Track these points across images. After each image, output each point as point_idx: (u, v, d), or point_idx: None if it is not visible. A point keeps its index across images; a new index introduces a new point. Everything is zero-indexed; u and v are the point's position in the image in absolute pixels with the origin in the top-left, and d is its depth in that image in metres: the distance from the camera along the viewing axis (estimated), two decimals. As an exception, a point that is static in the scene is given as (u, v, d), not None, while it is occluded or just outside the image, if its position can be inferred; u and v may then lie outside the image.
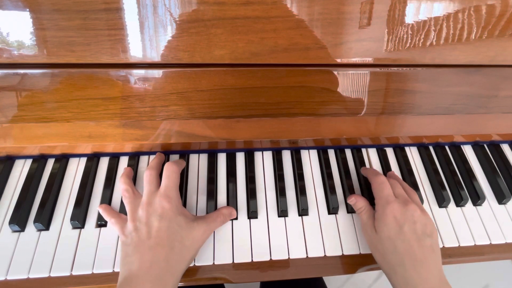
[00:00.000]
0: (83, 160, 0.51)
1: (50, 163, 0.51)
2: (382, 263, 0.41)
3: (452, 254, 0.46)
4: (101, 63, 0.41)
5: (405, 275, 0.37)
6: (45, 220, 0.45)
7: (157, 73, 0.43)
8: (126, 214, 0.43)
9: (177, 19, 0.39)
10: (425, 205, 0.50)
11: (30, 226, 0.45)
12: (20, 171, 0.50)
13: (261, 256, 0.44)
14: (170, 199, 0.41)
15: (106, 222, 0.45)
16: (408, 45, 0.43)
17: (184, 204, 0.48)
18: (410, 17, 0.41)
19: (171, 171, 0.43)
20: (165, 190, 0.41)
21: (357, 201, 0.45)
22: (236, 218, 0.47)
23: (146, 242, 0.38)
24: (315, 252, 0.45)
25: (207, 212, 0.46)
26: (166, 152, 0.52)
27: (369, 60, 0.44)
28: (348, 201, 0.47)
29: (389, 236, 0.40)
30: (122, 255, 0.39)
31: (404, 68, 0.46)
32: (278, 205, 0.48)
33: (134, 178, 0.49)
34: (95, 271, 0.42)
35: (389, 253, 0.39)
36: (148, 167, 0.45)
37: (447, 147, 0.57)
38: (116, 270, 0.42)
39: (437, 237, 0.41)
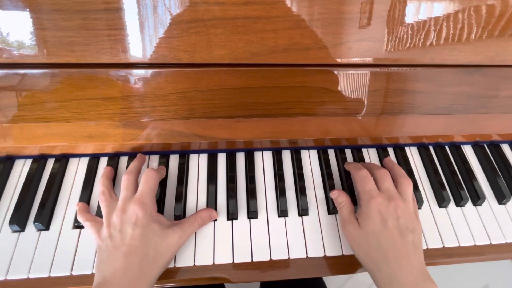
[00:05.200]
0: (83, 160, 0.51)
1: (50, 163, 0.51)
2: (365, 260, 0.40)
3: (452, 254, 0.46)
4: (101, 63, 0.41)
5: (389, 271, 0.38)
6: (45, 220, 0.45)
7: (157, 73, 0.43)
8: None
9: (177, 19, 0.39)
10: (425, 205, 0.50)
11: (30, 226, 0.45)
12: (20, 171, 0.50)
13: (261, 256, 0.44)
14: (144, 206, 0.40)
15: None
16: (408, 45, 0.43)
17: (184, 204, 0.48)
18: (410, 17, 0.41)
19: (149, 177, 0.43)
20: (140, 197, 0.41)
21: (339, 195, 0.45)
22: (236, 218, 0.47)
23: (120, 249, 0.38)
24: (315, 252, 0.45)
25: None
26: (166, 152, 0.52)
27: (369, 60, 0.44)
28: (330, 195, 0.47)
29: (374, 231, 0.39)
30: (97, 261, 0.39)
31: (404, 68, 0.46)
32: (278, 205, 0.48)
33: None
34: (95, 271, 0.42)
35: (373, 249, 0.39)
36: (126, 170, 0.45)
37: (447, 147, 0.57)
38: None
39: (420, 232, 0.41)
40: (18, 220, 0.44)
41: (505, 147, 0.58)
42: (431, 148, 0.56)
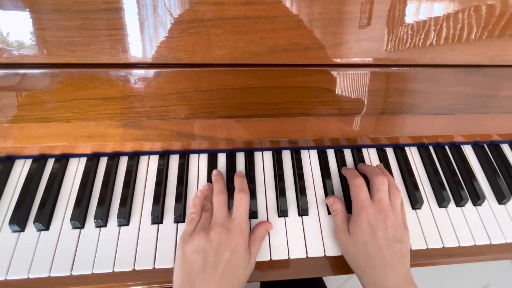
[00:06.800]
0: (83, 160, 0.51)
1: (50, 163, 0.51)
2: (353, 265, 0.42)
3: (452, 254, 0.46)
4: (101, 63, 0.41)
5: (374, 276, 0.39)
6: (45, 220, 0.45)
7: (157, 73, 0.43)
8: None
9: (177, 19, 0.39)
10: (425, 205, 0.50)
11: (30, 226, 0.45)
12: (20, 171, 0.50)
13: (261, 256, 0.44)
14: (243, 233, 0.41)
15: (106, 222, 0.45)
16: (408, 45, 0.43)
17: (184, 204, 0.48)
18: (410, 17, 0.41)
19: (243, 203, 0.43)
20: (240, 223, 0.41)
21: (335, 202, 0.46)
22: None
23: (214, 272, 0.37)
24: (315, 252, 0.45)
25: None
26: (166, 152, 0.52)
27: (369, 60, 0.44)
28: (326, 201, 0.48)
29: (363, 240, 0.41)
30: (184, 267, 0.38)
31: (404, 68, 0.46)
32: (278, 205, 0.48)
33: (134, 179, 0.49)
34: (95, 271, 0.42)
35: (360, 256, 0.41)
36: (216, 191, 0.45)
37: (447, 147, 0.57)
38: (116, 270, 0.42)
39: (408, 241, 0.43)
40: (18, 220, 0.44)
41: (505, 147, 0.58)
42: (431, 148, 0.56)
